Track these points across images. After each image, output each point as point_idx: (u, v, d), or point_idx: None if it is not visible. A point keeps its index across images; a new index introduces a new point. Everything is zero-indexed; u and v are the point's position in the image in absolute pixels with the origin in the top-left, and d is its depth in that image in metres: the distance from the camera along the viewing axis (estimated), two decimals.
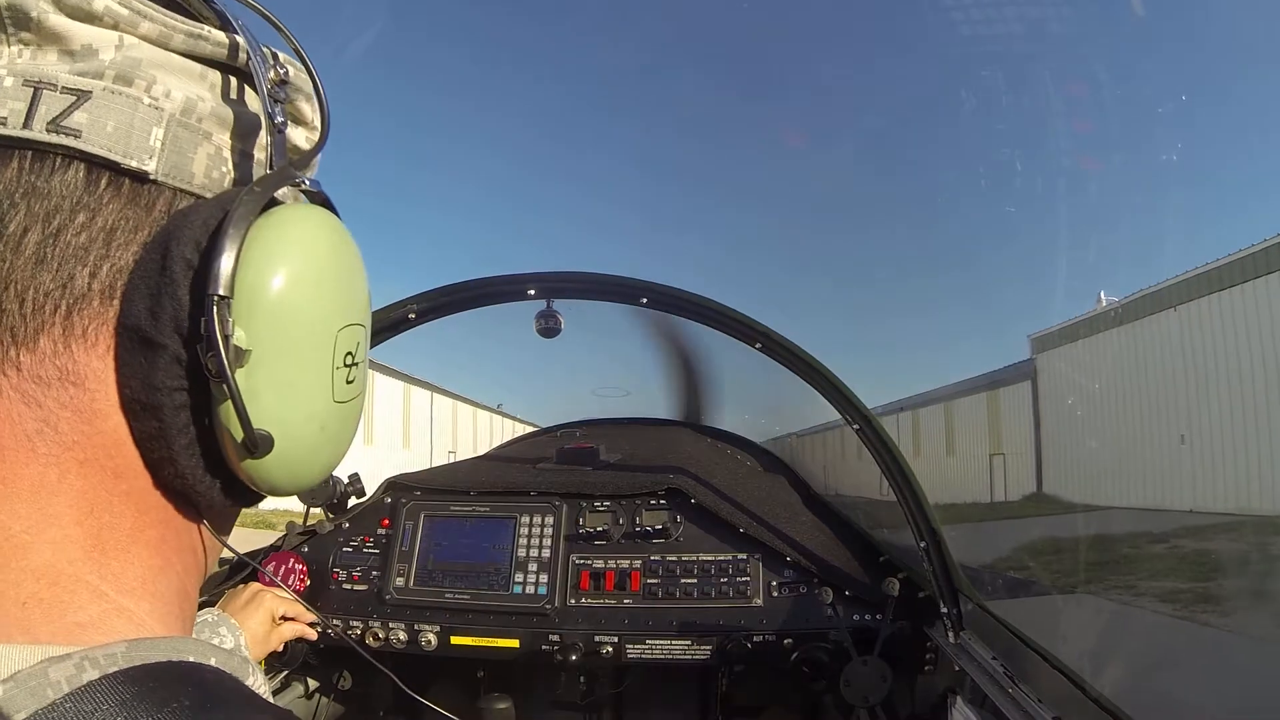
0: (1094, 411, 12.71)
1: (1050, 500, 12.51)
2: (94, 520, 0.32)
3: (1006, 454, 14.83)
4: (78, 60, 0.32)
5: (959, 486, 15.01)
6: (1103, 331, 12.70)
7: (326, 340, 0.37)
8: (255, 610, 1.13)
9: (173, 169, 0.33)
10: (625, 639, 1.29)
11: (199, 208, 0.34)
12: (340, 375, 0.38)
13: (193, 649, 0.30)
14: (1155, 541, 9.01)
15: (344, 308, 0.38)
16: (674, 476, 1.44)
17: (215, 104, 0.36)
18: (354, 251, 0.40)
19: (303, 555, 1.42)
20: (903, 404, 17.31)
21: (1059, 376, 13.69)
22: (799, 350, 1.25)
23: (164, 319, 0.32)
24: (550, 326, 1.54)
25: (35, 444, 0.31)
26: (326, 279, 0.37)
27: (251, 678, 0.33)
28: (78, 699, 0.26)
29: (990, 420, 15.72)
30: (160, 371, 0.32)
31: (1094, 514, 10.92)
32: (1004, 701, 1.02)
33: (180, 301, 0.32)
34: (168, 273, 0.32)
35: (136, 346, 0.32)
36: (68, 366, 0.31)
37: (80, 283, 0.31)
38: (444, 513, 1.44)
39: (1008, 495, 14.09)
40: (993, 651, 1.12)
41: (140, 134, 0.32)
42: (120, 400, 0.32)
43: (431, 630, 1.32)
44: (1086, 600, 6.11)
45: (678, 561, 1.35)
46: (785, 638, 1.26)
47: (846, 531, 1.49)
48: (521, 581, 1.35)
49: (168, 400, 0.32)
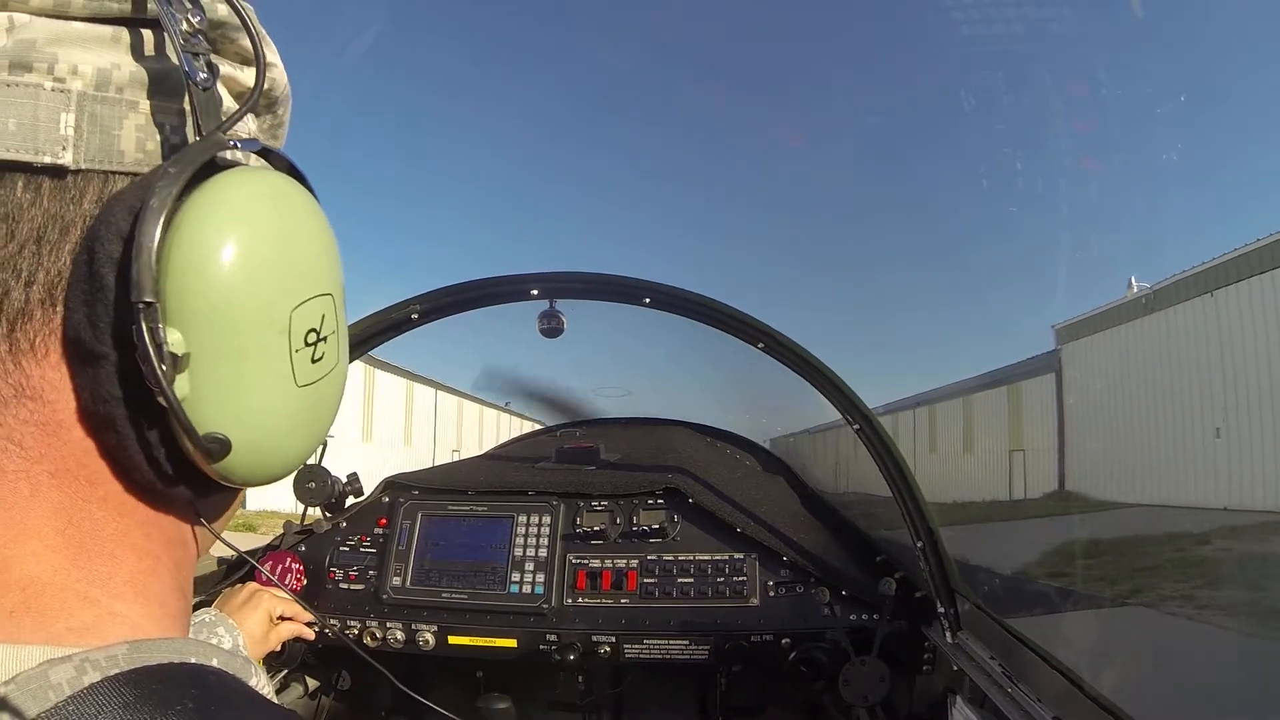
0: (1122, 404, 12.50)
1: (1074, 498, 12.27)
2: (75, 529, 0.31)
3: (1027, 450, 14.57)
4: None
5: (977, 484, 14.85)
6: (1133, 320, 12.51)
7: (278, 324, 0.34)
8: (253, 610, 1.15)
9: (96, 152, 0.31)
10: (622, 639, 1.32)
11: (122, 196, 0.31)
12: (302, 357, 0.35)
13: (195, 650, 0.31)
14: (1199, 543, 8.46)
15: (296, 284, 0.35)
16: (672, 476, 1.48)
17: (134, 68, 0.32)
18: (305, 215, 0.36)
19: (300, 554, 1.46)
20: (919, 399, 17.21)
21: (1085, 368, 13.50)
22: (801, 350, 1.29)
23: (101, 327, 0.30)
24: (553, 327, 1.57)
25: (2, 462, 0.31)
26: (270, 257, 0.33)
27: (254, 678, 0.33)
28: (80, 702, 0.26)
29: (1011, 415, 15.47)
30: (105, 383, 0.31)
31: (1122, 512, 10.61)
32: (1003, 701, 1.04)
33: (111, 307, 0.30)
34: (96, 276, 0.30)
35: (81, 357, 0.31)
36: (22, 382, 0.31)
37: (16, 296, 0.30)
38: (441, 512, 1.48)
39: (1028, 493, 13.83)
40: (991, 651, 1.15)
41: (47, 125, 0.30)
42: (78, 411, 0.32)
43: (429, 630, 1.36)
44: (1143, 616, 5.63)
45: (675, 561, 1.38)
46: (783, 638, 1.30)
47: (844, 531, 1.53)
48: (518, 581, 1.39)
49: (118, 411, 0.31)
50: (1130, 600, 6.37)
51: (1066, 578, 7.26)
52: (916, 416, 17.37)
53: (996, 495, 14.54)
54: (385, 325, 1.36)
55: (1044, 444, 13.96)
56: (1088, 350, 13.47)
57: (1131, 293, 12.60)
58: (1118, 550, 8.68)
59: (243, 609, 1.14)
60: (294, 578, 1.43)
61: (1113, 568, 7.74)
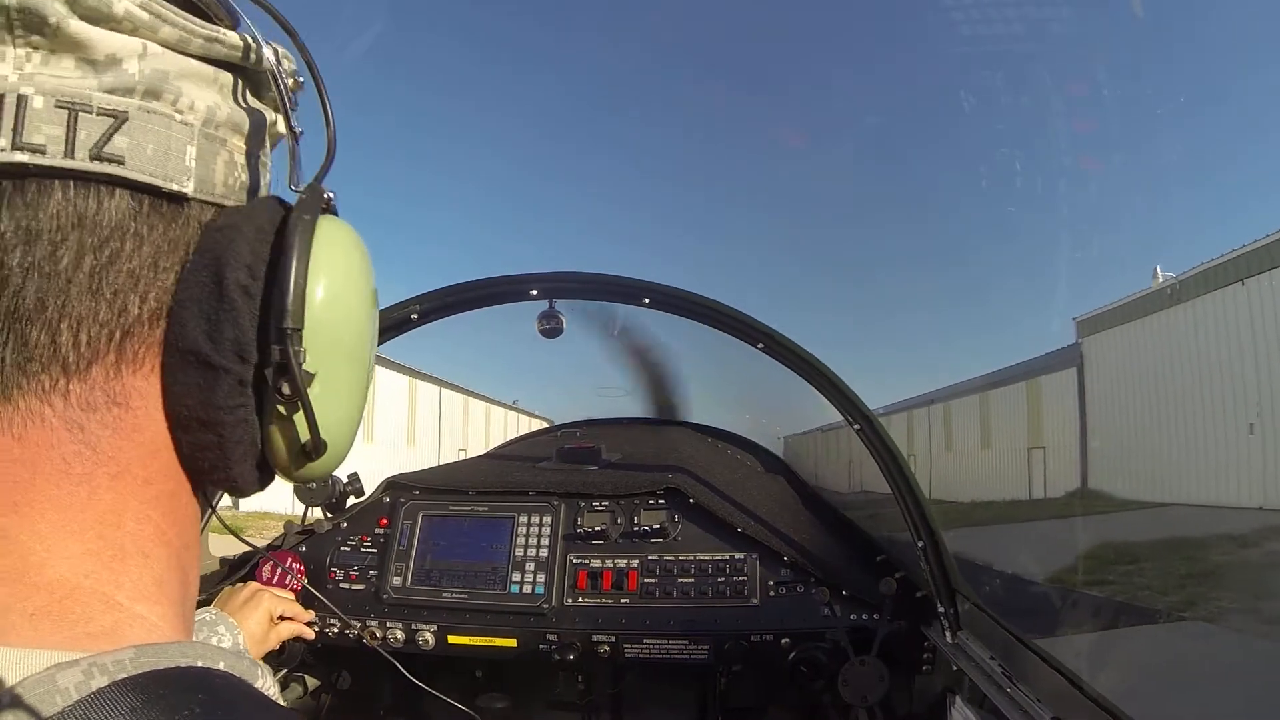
0: (1148, 399, 12.34)
1: (1098, 496, 12.00)
2: (118, 531, 0.34)
3: (1048, 447, 14.32)
4: (102, 73, 0.32)
5: (996, 482, 14.70)
6: (1159, 311, 12.32)
7: (369, 350, 0.42)
8: (253, 610, 1.18)
9: (201, 183, 0.35)
10: (622, 638, 1.36)
11: (237, 228, 0.36)
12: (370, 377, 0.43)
13: (201, 653, 0.32)
14: (1244, 545, 7.96)
15: (374, 316, 0.43)
16: (672, 476, 1.51)
17: (230, 109, 0.37)
18: (368, 259, 0.43)
19: (300, 554, 1.50)
20: (933, 397, 17.08)
21: (1108, 362, 13.31)
22: (800, 350, 1.31)
23: (224, 344, 0.35)
24: (552, 327, 1.60)
25: (71, 465, 0.33)
26: (364, 293, 0.41)
27: (260, 680, 0.35)
28: (86, 707, 0.27)
29: (1030, 411, 15.23)
30: (222, 392, 0.35)
31: (1150, 512, 10.29)
32: (1002, 701, 1.06)
33: (241, 328, 0.35)
34: (227, 299, 0.35)
35: (193, 367, 0.35)
36: (116, 390, 0.34)
37: (133, 310, 0.34)
38: (442, 512, 1.52)
39: (1049, 492, 13.59)
40: (990, 651, 1.17)
41: (177, 155, 0.34)
42: (167, 415, 0.35)
43: (429, 630, 1.40)
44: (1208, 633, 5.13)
45: (675, 561, 1.41)
46: (783, 637, 1.33)
47: (844, 531, 1.56)
48: (519, 581, 1.42)
49: (229, 417, 0.36)
50: (1187, 614, 5.80)
51: (1109, 585, 6.69)
52: (931, 414, 17.26)
53: (1016, 494, 14.35)
54: (386, 325, 1.40)
55: (1065, 441, 13.76)
56: (1111, 343, 13.27)
57: (1157, 282, 12.40)
58: (1158, 554, 8.16)
59: (243, 609, 1.18)
60: (295, 577, 1.46)
61: (1156, 574, 7.16)
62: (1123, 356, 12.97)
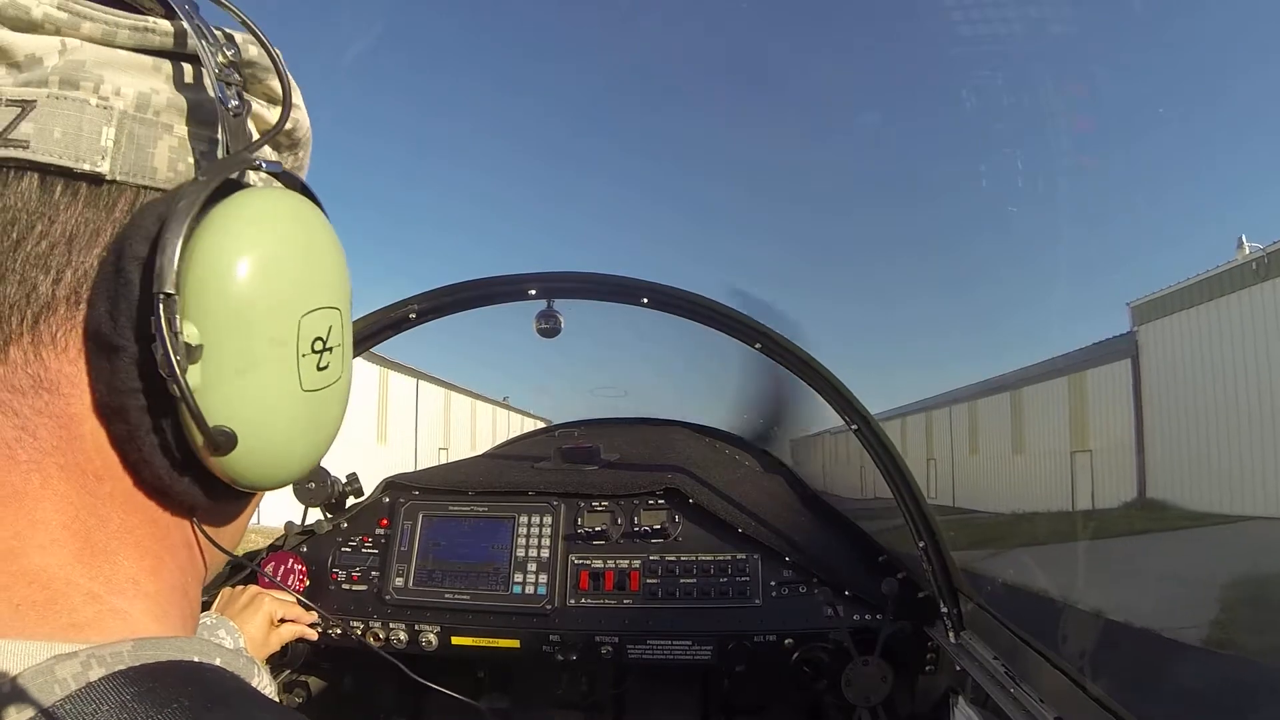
0: (1218, 395, 11.14)
1: (1163, 508, 11.12)
2: (80, 524, 0.36)
3: (1095, 450, 13.44)
4: (23, 71, 0.36)
5: (1033, 492, 14.00)
6: (1232, 293, 11.14)
7: (287, 328, 0.40)
8: (254, 613, 1.26)
9: (132, 166, 0.37)
10: (625, 639, 1.47)
11: (154, 204, 0.38)
12: (308, 363, 0.41)
13: (197, 649, 0.34)
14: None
15: (307, 293, 0.41)
16: (672, 476, 1.62)
17: (171, 94, 0.39)
18: (319, 233, 0.43)
19: (301, 555, 1.61)
20: (955, 395, 16.51)
21: (1171, 352, 12.31)
22: (798, 350, 1.42)
23: (122, 320, 0.36)
24: (550, 327, 1.71)
25: (15, 451, 0.35)
26: (284, 265, 0.40)
27: (256, 678, 0.37)
28: (81, 698, 0.29)
29: (1073, 410, 14.25)
30: (121, 374, 0.36)
31: (1235, 528, 9.25)
32: (1005, 701, 1.16)
33: (134, 301, 0.36)
34: (122, 273, 0.36)
35: (101, 350, 0.36)
36: (40, 374, 0.36)
37: (44, 291, 0.36)
38: (442, 513, 1.63)
39: (1097, 502, 12.72)
40: (994, 651, 1.27)
41: (90, 136, 0.36)
42: (93, 404, 0.37)
43: (431, 630, 1.51)
44: None
45: (677, 561, 1.53)
46: (785, 638, 1.44)
47: (846, 531, 1.67)
48: (521, 581, 1.54)
49: (132, 402, 0.36)
50: None
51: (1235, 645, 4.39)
52: (954, 414, 16.73)
53: (1058, 504, 13.50)
54: (384, 324, 1.51)
55: (1117, 443, 12.90)
56: (1173, 329, 12.33)
57: (1243, 254, 11.04)
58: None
59: (244, 612, 1.26)
60: (296, 579, 1.57)
61: None
62: (1188, 345, 11.96)
